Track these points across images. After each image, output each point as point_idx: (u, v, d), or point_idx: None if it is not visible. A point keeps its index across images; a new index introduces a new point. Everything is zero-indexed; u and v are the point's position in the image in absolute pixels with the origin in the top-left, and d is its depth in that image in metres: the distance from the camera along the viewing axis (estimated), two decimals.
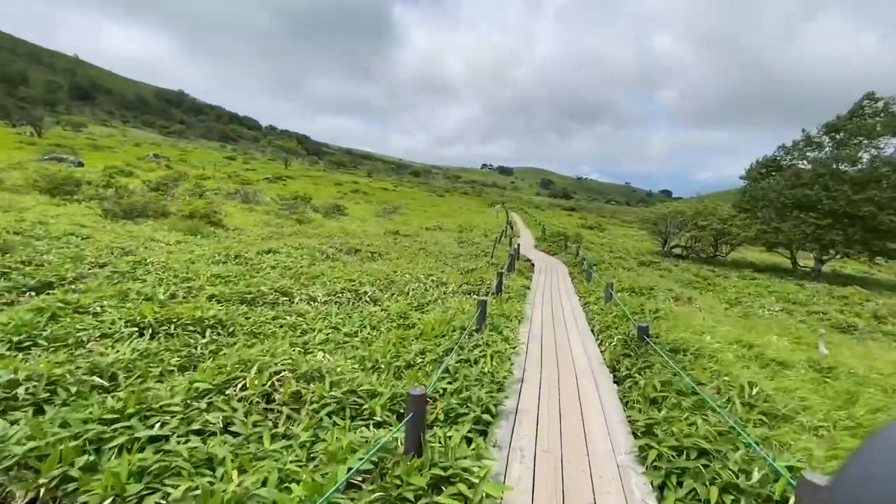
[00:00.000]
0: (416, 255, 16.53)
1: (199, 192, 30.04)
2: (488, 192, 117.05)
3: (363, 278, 10.11)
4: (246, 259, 10.39)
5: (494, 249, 19.76)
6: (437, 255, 17.89)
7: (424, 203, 55.15)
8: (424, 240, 22.43)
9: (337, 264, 12.06)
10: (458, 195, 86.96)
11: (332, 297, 8.32)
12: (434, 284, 10.92)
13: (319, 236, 19.45)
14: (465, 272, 14.40)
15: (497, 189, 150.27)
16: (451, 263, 15.99)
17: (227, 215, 21.78)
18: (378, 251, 15.90)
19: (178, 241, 13.10)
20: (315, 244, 15.06)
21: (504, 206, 68.81)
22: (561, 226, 40.18)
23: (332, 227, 23.11)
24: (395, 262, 13.99)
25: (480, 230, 33.04)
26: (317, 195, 45.16)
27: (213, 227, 17.13)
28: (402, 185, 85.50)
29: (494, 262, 17.06)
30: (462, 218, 43.68)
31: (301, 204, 28.88)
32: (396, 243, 19.67)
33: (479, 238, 26.60)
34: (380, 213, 34.76)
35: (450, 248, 20.65)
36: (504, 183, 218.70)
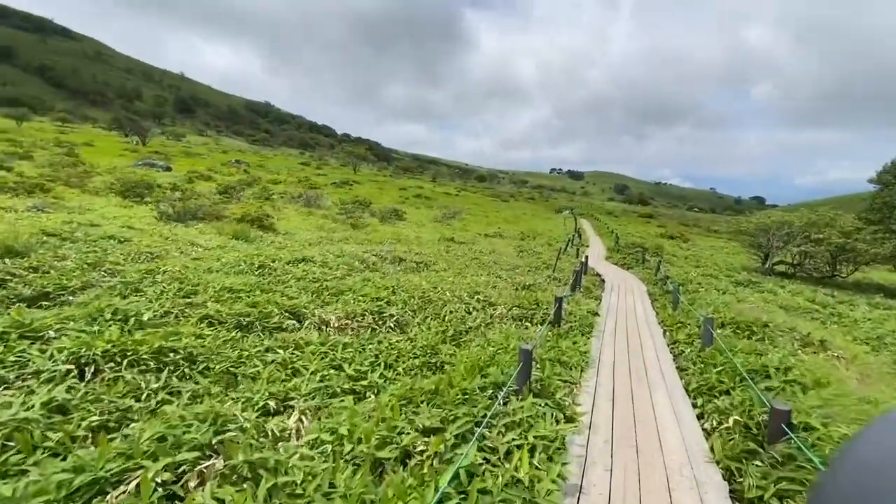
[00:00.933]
0: (467, 267, 14.86)
1: (266, 195, 30.79)
2: (556, 198, 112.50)
3: (396, 296, 8.64)
4: (272, 269, 9.37)
5: (558, 261, 17.54)
6: (491, 266, 16.07)
7: (487, 208, 53.37)
8: (480, 248, 20.70)
9: (373, 276, 10.72)
10: (523, 200, 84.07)
11: (351, 321, 6.91)
12: (479, 305, 9.17)
13: (369, 242, 18.48)
14: (520, 288, 12.48)
15: (566, 194, 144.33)
16: (505, 277, 14.12)
17: (281, 219, 21.62)
18: (425, 261, 14.45)
19: (218, 246, 12.57)
20: (359, 252, 13.94)
21: (573, 212, 65.00)
22: (637, 235, 36.44)
23: (385, 233, 22.17)
24: (440, 275, 12.41)
25: (544, 238, 30.61)
26: (379, 199, 45.17)
27: (263, 231, 16.73)
28: (466, 189, 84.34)
29: (556, 277, 14.91)
30: (525, 224, 41.32)
31: (358, 208, 28.44)
32: (448, 251, 18.15)
33: (541, 247, 24.33)
34: (438, 218, 33.57)
35: (507, 259, 18.73)
36: (573, 188, 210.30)
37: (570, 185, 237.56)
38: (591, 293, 13.56)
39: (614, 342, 7.54)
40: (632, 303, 11.88)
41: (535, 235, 32.52)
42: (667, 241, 36.93)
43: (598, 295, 13.30)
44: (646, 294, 13.52)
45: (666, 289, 13.66)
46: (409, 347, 6.36)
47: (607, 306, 11.11)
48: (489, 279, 13.19)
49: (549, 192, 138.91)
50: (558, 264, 18.07)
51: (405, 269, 13.17)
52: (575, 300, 10.42)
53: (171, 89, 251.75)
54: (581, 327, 8.17)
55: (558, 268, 17.13)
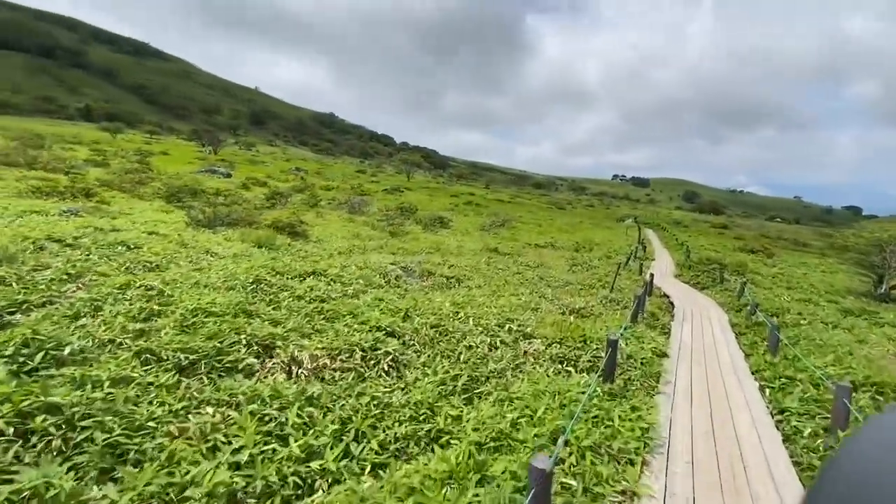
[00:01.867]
0: (506, 284, 12.96)
1: (314, 201, 30.66)
2: (618, 205, 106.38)
3: (407, 322, 7.05)
4: (269, 284, 8.13)
5: (617, 278, 15.13)
6: (536, 282, 14.04)
7: (540, 216, 50.68)
8: (526, 261, 18.65)
9: (390, 294, 9.21)
10: (581, 207, 79.92)
11: (332, 361, 5.38)
12: (510, 337, 7.33)
13: (404, 252, 17.11)
14: (568, 312, 10.42)
15: (628, 202, 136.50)
16: (550, 297, 12.09)
17: (317, 226, 20.88)
18: (458, 275, 12.74)
19: (235, 254, 11.68)
20: (386, 263, 12.55)
21: (636, 221, 60.38)
22: (711, 248, 32.39)
23: (425, 242, 20.76)
24: (471, 294, 10.66)
25: (602, 250, 27.80)
26: (428, 206, 44.16)
27: (293, 239, 15.89)
28: (521, 196, 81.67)
29: (614, 299, 12.60)
30: (581, 234, 38.35)
31: (399, 215, 27.36)
32: (489, 264, 16.32)
33: (598, 260, 21.76)
34: (485, 226, 31.76)
35: (556, 273, 16.56)
36: (638, 195, 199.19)
37: (634, 192, 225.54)
38: (656, 321, 11.16)
39: (691, 407, 5.38)
40: (710, 338, 9.41)
41: (591, 246, 29.73)
42: (747, 255, 32.46)
43: (667, 325, 10.89)
44: (727, 325, 10.88)
45: (755, 319, 10.93)
46: (399, 402, 4.70)
47: (678, 343, 8.78)
48: (530, 299, 11.24)
49: (610, 199, 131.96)
50: (617, 282, 15.62)
51: (433, 285, 11.56)
52: (636, 334, 8.23)
53: (247, 103, 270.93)
54: (643, 378, 6.08)
55: (617, 287, 14.72)
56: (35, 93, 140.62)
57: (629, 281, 16.69)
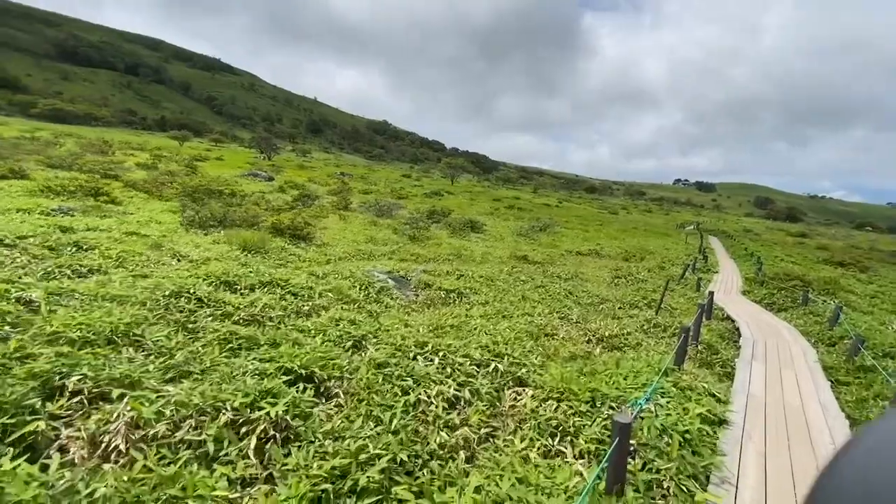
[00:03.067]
0: (522, 300, 10.67)
1: (344, 204, 29.70)
2: (678, 211, 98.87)
3: (342, 361, 5.13)
4: (189, 298, 6.50)
5: (665, 295, 12.32)
6: (562, 298, 11.61)
7: (589, 221, 47.08)
8: (559, 271, 16.12)
9: (354, 314, 7.33)
10: (637, 213, 74.53)
11: (171, 429, 3.55)
12: (492, 385, 5.20)
13: (417, 259, 15.27)
14: (594, 340, 8.07)
15: (691, 207, 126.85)
16: (576, 318, 9.69)
17: (333, 228, 19.54)
18: (464, 288, 10.63)
19: (206, 259, 10.33)
20: (380, 271, 10.74)
21: (698, 227, 54.87)
22: (789, 259, 27.81)
23: (447, 247, 18.80)
24: (469, 314, 8.54)
25: (655, 259, 24.45)
26: (466, 210, 42.19)
27: (295, 242, 14.53)
28: (570, 200, 77.56)
29: (659, 323, 9.95)
30: (633, 241, 34.70)
31: (426, 219, 25.58)
32: (511, 274, 14.03)
33: (647, 272, 18.72)
34: (523, 231, 29.22)
35: (593, 286, 13.96)
36: (702, 200, 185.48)
37: (698, 197, 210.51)
38: (714, 356, 8.46)
39: None
40: (794, 389, 6.65)
41: (643, 255, 26.38)
42: (833, 269, 27.48)
43: (728, 362, 8.18)
44: (818, 368, 7.92)
45: (861, 361, 7.92)
46: None
47: (745, 396, 6.15)
48: (546, 322, 8.94)
49: (670, 204, 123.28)
50: (667, 300, 12.78)
51: (426, 300, 9.55)
52: (680, 384, 5.74)
53: (306, 113, 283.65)
54: (679, 477, 3.71)
55: (666, 306, 11.93)
56: (120, 106, 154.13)
57: (683, 299, 13.76)
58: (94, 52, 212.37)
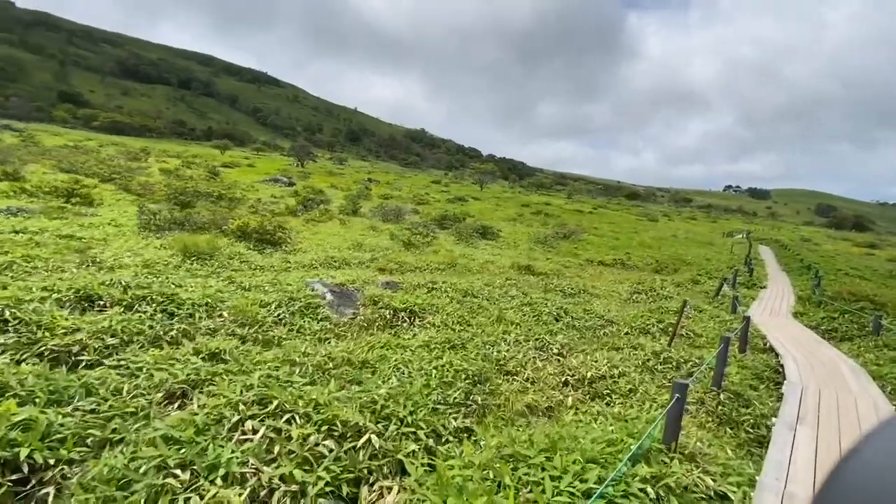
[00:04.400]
0: (495, 323, 8.54)
1: (353, 209, 28.44)
2: (727, 219, 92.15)
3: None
4: (25, 315, 4.96)
5: (683, 318, 9.79)
6: (552, 322, 9.37)
7: (622, 228, 43.68)
8: (566, 284, 13.76)
9: (231, 344, 5.57)
10: (680, 220, 69.53)
11: None
12: (336, 478, 3.26)
13: (401, 268, 13.45)
14: (573, 384, 5.98)
15: (743, 215, 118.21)
16: (558, 349, 7.51)
17: (319, 232, 18.07)
18: (425, 305, 8.64)
19: (123, 266, 8.93)
20: (324, 283, 8.99)
21: (747, 236, 50.01)
22: (855, 273, 23.80)
23: (444, 255, 16.86)
24: (402, 344, 6.57)
25: (691, 271, 21.42)
26: (487, 216, 40.08)
27: (261, 246, 13.09)
28: (606, 207, 73.54)
29: (670, 359, 7.55)
30: (670, 250, 31.38)
31: (432, 225, 23.76)
32: (503, 287, 11.89)
33: (674, 287, 15.97)
34: (542, 238, 26.76)
35: (601, 304, 11.59)
36: (755, 208, 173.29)
37: (751, 204, 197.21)
38: (743, 413, 6.08)
39: None
40: None
41: (678, 266, 23.37)
42: None
43: (763, 420, 5.79)
44: None
45: None
46: None
47: (779, 501, 3.84)
48: (516, 353, 6.85)
49: (719, 212, 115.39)
50: (691, 323, 10.23)
51: (365, 321, 7.67)
52: (677, 468, 3.54)
53: (345, 122, 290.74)
54: None
55: (686, 332, 9.43)
56: (172, 118, 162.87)
57: (714, 322, 11.13)
58: (151, 69, 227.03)
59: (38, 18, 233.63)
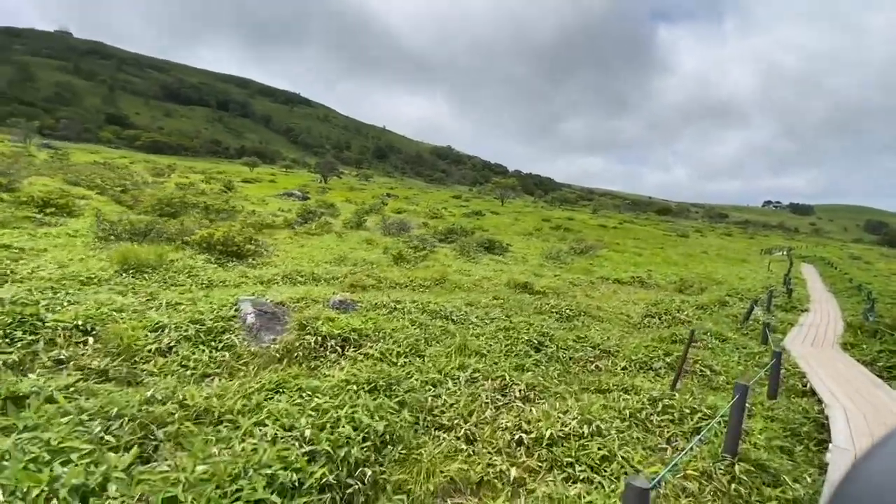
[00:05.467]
0: (456, 355, 6.95)
1: (358, 222, 27.46)
2: (766, 235, 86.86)
3: None
4: None
5: (688, 360, 7.88)
6: (531, 352, 7.67)
7: (648, 244, 41.02)
8: (566, 305, 11.96)
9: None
10: (714, 236, 65.58)
11: None
12: None
13: (374, 285, 12.07)
14: (533, 445, 4.30)
15: (784, 231, 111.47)
16: (522, 394, 5.88)
17: (304, 245, 16.95)
18: (373, 331, 7.16)
19: (30, 278, 7.90)
20: (256, 301, 7.69)
21: (788, 253, 46.26)
22: None
23: (437, 270, 15.39)
24: (301, 384, 5.09)
25: (720, 291, 19.06)
26: (503, 230, 38.45)
27: (227, 260, 11.99)
28: (634, 222, 70.39)
29: (670, 408, 5.74)
30: (699, 267, 28.83)
31: (434, 239, 22.37)
32: (487, 308, 10.27)
33: (696, 309, 13.86)
34: (555, 253, 24.85)
35: (598, 331, 9.77)
36: (797, 224, 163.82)
37: (793, 220, 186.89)
38: (767, 495, 4.25)
39: None
40: None
41: (706, 285, 21.00)
42: None
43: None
44: None
45: None
46: None
47: None
48: (461, 397, 5.27)
49: (757, 227, 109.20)
50: (707, 355, 8.31)
51: (281, 350, 6.24)
52: None
53: (373, 140, 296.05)
54: None
55: (700, 370, 7.55)
56: (209, 138, 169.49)
57: (739, 356, 9.11)
58: (192, 92, 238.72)
59: (92, 47, 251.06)
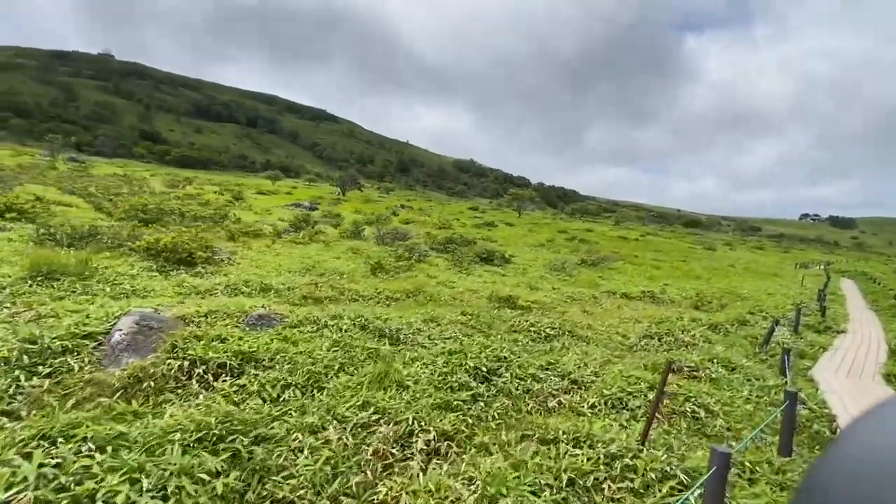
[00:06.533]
0: (375, 385, 5.48)
1: (355, 231, 26.45)
2: (802, 249, 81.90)
3: None
4: None
5: (662, 402, 6.18)
6: (475, 383, 6.14)
7: (670, 256, 38.49)
8: (549, 323, 10.32)
9: None
10: (744, 249, 61.87)
11: None
12: None
13: (332, 297, 10.78)
14: None
15: (822, 245, 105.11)
16: (430, 448, 4.34)
17: (279, 253, 15.86)
18: (263, 355, 5.81)
19: None
20: (146, 314, 6.48)
21: (826, 267, 42.73)
22: None
23: (417, 281, 14.01)
24: (112, 437, 3.74)
25: (743, 307, 16.90)
26: (514, 241, 36.84)
27: (172, 268, 10.95)
28: (657, 234, 67.29)
29: (631, 468, 4.11)
30: (724, 281, 26.43)
31: (426, 248, 21.01)
32: (449, 323, 8.79)
33: (706, 329, 11.93)
34: (559, 265, 23.04)
35: (578, 354, 8.12)
36: (837, 237, 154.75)
37: (832, 233, 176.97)
38: None
39: None
40: None
41: (728, 301, 18.84)
42: None
43: None
44: None
45: None
46: None
47: None
48: (309, 463, 3.80)
49: (793, 241, 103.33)
50: (697, 397, 6.58)
51: (129, 378, 4.94)
52: None
53: (396, 154, 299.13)
54: None
55: (693, 411, 5.86)
56: (236, 153, 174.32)
57: (749, 389, 7.28)
58: (222, 109, 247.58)
59: (131, 69, 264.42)
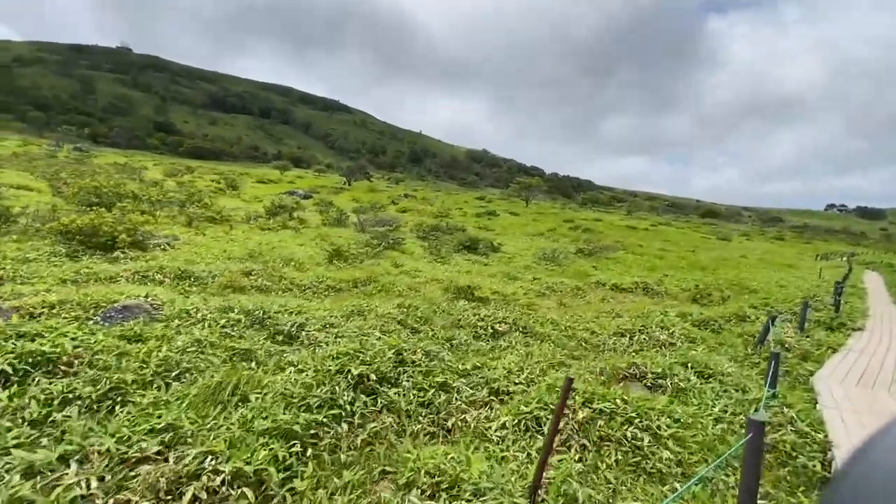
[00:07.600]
0: (217, 394, 4.21)
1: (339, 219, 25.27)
2: (827, 240, 78.10)
3: None
4: None
5: (558, 433, 4.72)
6: (352, 394, 4.80)
7: (679, 246, 36.42)
8: (504, 317, 8.92)
9: None
10: (762, 240, 58.97)
11: None
12: None
13: (247, 286, 9.54)
14: None
15: (849, 237, 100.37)
16: None
17: (234, 239, 14.70)
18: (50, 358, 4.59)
19: None
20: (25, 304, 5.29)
21: (849, 259, 40.02)
22: None
23: (377, 269, 12.73)
24: None
25: (746, 301, 15.15)
26: (513, 230, 35.30)
27: (87, 252, 9.85)
28: (669, 224, 64.68)
29: None
30: (733, 273, 24.47)
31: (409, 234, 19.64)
32: (380, 317, 7.47)
33: (694, 327, 10.34)
34: (550, 254, 21.44)
35: (512, 359, 6.72)
36: (864, 228, 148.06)
37: (859, 225, 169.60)
38: None
39: None
40: None
41: (731, 294, 17.09)
42: None
43: None
44: None
45: None
46: None
47: None
48: None
49: (817, 232, 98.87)
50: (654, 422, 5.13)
51: None
52: None
53: (409, 144, 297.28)
54: None
55: (614, 448, 4.43)
56: (249, 144, 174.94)
57: (723, 405, 5.77)
58: (236, 101, 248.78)
59: (148, 62, 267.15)
